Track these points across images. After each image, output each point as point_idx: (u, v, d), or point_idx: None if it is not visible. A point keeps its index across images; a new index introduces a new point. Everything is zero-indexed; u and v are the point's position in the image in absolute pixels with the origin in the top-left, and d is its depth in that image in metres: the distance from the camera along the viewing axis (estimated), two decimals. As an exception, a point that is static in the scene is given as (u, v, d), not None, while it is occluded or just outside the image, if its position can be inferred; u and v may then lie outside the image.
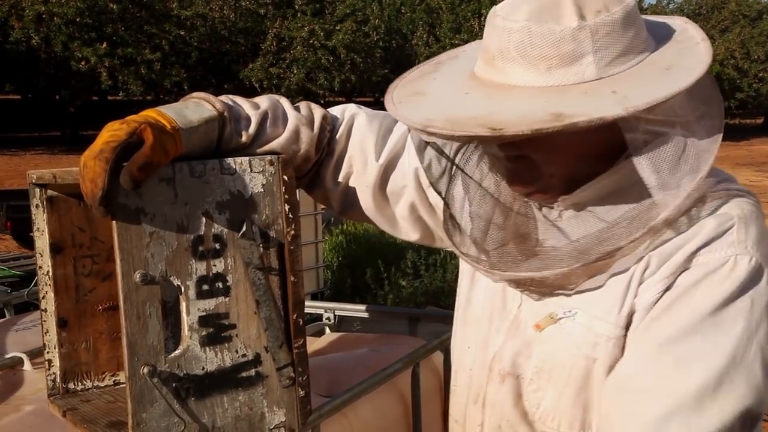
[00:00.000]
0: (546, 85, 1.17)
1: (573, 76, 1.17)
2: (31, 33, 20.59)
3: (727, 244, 1.18)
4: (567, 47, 1.16)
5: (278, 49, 24.00)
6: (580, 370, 1.25)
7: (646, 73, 1.18)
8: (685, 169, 1.18)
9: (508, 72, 1.19)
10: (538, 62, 1.17)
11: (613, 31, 1.17)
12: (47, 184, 1.62)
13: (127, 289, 1.27)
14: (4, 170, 17.58)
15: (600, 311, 1.23)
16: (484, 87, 1.22)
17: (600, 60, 1.17)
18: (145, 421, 1.29)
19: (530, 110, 1.13)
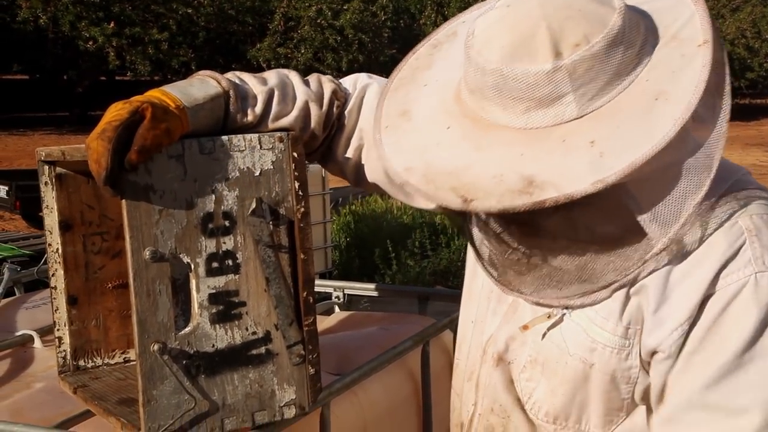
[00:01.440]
0: (525, 127, 1.10)
1: (552, 118, 1.09)
2: (39, 13, 20.55)
3: (743, 264, 1.13)
4: (543, 90, 1.08)
5: (286, 28, 23.90)
6: (576, 371, 1.23)
7: (629, 109, 1.08)
8: (678, 196, 1.10)
9: (486, 110, 1.14)
10: (515, 104, 1.10)
11: (595, 64, 1.07)
12: (56, 162, 1.62)
13: (137, 267, 1.27)
14: (13, 150, 17.61)
15: (598, 317, 1.21)
16: (464, 121, 1.17)
17: (581, 96, 1.08)
18: (155, 398, 1.29)
19: (503, 171, 1.08)
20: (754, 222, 1.15)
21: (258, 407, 1.37)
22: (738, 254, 1.13)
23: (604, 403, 1.23)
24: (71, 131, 21.58)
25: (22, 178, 9.39)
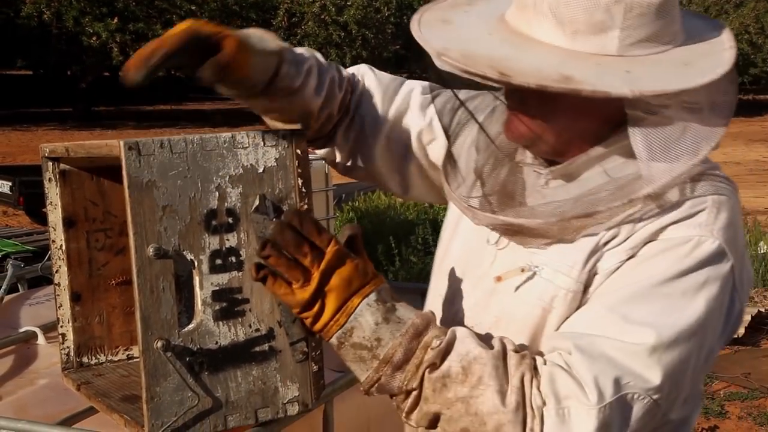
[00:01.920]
0: (567, 48, 1.20)
1: (594, 46, 1.19)
2: (43, 8, 20.58)
3: (694, 225, 1.22)
4: (598, 16, 1.18)
5: (289, 24, 23.91)
6: (534, 318, 1.29)
7: (663, 62, 1.21)
8: (679, 152, 1.20)
9: (535, 25, 1.22)
10: (566, 23, 1.19)
11: (647, 14, 1.19)
12: (60, 158, 1.62)
13: (140, 263, 1.27)
14: (17, 146, 17.63)
15: (564, 266, 1.27)
16: (507, 33, 1.25)
17: (625, 38, 1.19)
18: (158, 395, 1.29)
19: (542, 66, 1.17)
20: (720, 198, 1.25)
21: (261, 404, 1.37)
22: (694, 216, 1.23)
23: None
24: (75, 126, 21.59)
25: (26, 173, 9.39)
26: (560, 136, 1.29)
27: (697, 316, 1.20)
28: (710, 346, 1.25)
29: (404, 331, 1.20)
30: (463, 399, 1.16)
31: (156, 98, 28.68)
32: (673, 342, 1.18)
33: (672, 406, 1.23)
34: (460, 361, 1.18)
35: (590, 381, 1.14)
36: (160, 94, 28.41)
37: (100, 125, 22.07)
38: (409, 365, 1.19)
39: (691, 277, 1.20)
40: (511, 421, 1.14)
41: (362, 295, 1.21)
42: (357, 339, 1.21)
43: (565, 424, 1.14)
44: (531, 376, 1.16)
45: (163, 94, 28.58)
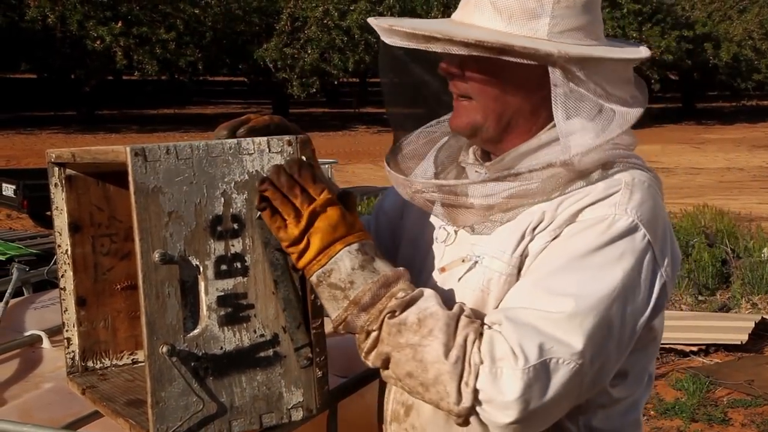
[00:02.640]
0: (504, 30, 1.38)
1: (528, 30, 1.38)
2: (47, 11, 20.62)
3: (609, 205, 1.35)
4: (531, 4, 1.37)
5: (292, 29, 23.94)
6: (476, 301, 1.41)
7: (588, 47, 1.39)
8: (594, 128, 1.37)
9: (476, 15, 1.41)
10: (503, 10, 1.38)
11: (572, 7, 1.39)
12: (66, 163, 1.63)
13: (146, 269, 1.28)
14: (21, 149, 17.66)
15: (498, 252, 1.40)
16: (453, 22, 1.44)
17: (554, 26, 1.38)
18: (164, 400, 1.30)
19: (481, 36, 1.34)
20: (633, 180, 1.38)
21: (266, 409, 1.38)
22: (608, 197, 1.35)
23: None
24: (78, 130, 21.63)
25: (30, 177, 9.42)
26: (499, 121, 1.43)
27: (614, 285, 1.30)
28: (634, 316, 1.34)
29: (376, 279, 1.32)
30: (412, 346, 1.28)
31: (159, 102, 28.72)
32: (592, 309, 1.28)
33: (601, 374, 1.33)
34: (417, 314, 1.30)
35: (517, 346, 1.25)
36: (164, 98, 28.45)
37: (103, 129, 22.12)
38: (373, 309, 1.32)
39: (608, 250, 1.32)
40: (449, 371, 1.26)
41: (345, 242, 1.33)
42: (334, 280, 1.33)
43: (496, 381, 1.25)
44: (474, 338, 1.28)
45: (167, 98, 28.62)
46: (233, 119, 1.45)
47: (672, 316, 6.34)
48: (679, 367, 5.70)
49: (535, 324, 1.27)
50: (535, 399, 1.25)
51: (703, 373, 5.50)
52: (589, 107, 1.37)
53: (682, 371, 5.58)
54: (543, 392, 1.25)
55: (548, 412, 1.29)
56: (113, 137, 20.50)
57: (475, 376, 1.25)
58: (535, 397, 1.25)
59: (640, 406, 1.52)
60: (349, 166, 16.10)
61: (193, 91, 30.61)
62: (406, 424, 1.51)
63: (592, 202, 1.35)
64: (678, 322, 6.17)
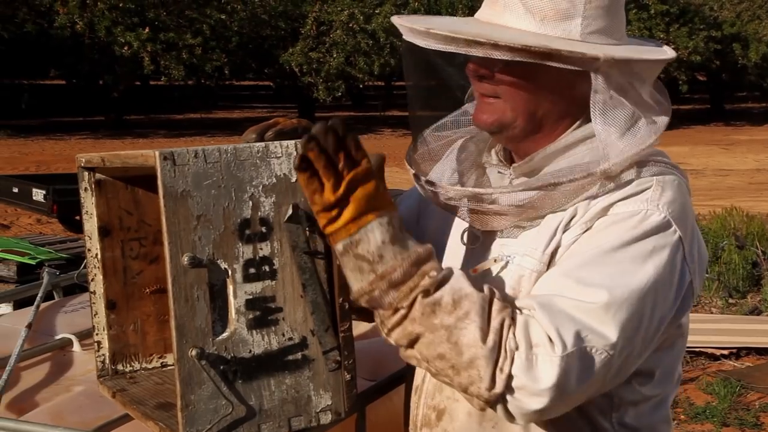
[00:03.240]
0: (537, 32, 1.35)
1: (561, 31, 1.36)
2: (76, 18, 20.83)
3: (641, 200, 1.34)
4: (563, 5, 1.35)
5: (318, 33, 24.01)
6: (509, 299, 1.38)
7: (621, 47, 1.39)
8: (632, 136, 1.36)
9: (506, 15, 1.38)
10: (535, 11, 1.36)
11: (602, 7, 1.37)
12: (96, 168, 1.64)
13: (175, 272, 1.28)
14: (50, 154, 17.86)
15: (529, 249, 1.39)
16: (483, 23, 1.40)
17: (586, 26, 1.36)
18: (193, 403, 1.30)
19: (519, 38, 1.31)
20: (664, 178, 1.38)
21: (294, 413, 1.38)
22: (640, 193, 1.35)
23: None
24: (107, 135, 21.82)
25: (60, 182, 9.49)
26: (528, 120, 1.40)
27: (646, 279, 1.30)
28: (662, 312, 1.33)
29: (407, 255, 1.28)
30: (447, 327, 1.25)
31: (186, 107, 28.93)
32: (625, 301, 1.27)
33: (625, 366, 1.32)
34: (452, 294, 1.27)
35: (554, 333, 1.24)
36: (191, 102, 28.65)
37: (131, 134, 22.30)
38: (404, 286, 1.27)
39: (640, 244, 1.31)
40: (486, 356, 1.23)
41: (377, 214, 1.29)
42: (361, 251, 1.28)
43: (532, 368, 1.23)
44: (510, 323, 1.26)
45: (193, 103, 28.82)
46: (261, 123, 1.45)
47: (702, 319, 6.29)
48: (709, 370, 5.64)
49: (569, 312, 1.26)
50: (568, 387, 1.24)
51: (734, 376, 5.43)
52: (625, 114, 1.36)
53: (713, 375, 5.52)
54: (576, 380, 1.24)
55: (574, 401, 1.29)
56: (141, 142, 20.67)
57: (510, 361, 1.23)
58: (569, 385, 1.24)
59: (668, 403, 1.52)
60: (375, 170, 16.08)
61: (219, 96, 30.78)
62: (437, 429, 1.49)
63: (624, 197, 1.35)
64: (708, 325, 6.11)
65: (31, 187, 9.39)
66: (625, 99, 1.36)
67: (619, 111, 1.35)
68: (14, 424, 1.55)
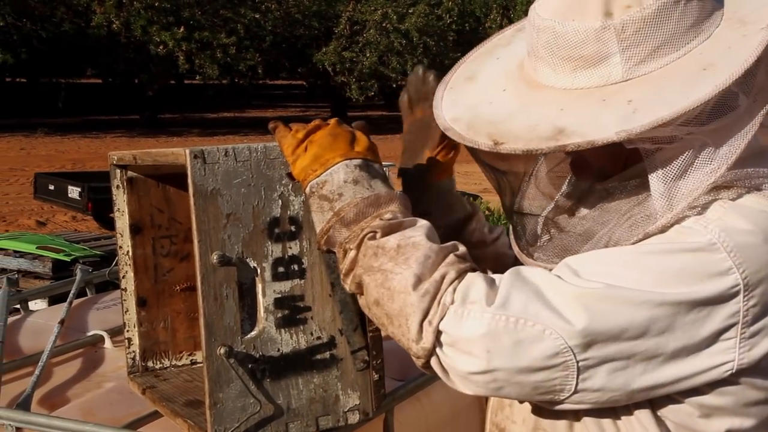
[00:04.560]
0: (571, 88, 1.14)
1: (598, 78, 1.13)
2: (112, 18, 21.08)
3: (693, 218, 1.11)
4: (590, 48, 1.12)
5: (351, 32, 24.06)
6: None
7: (675, 74, 1.10)
8: (694, 179, 1.10)
9: (539, 71, 1.19)
10: (564, 63, 1.14)
11: (644, 27, 1.10)
12: (128, 165, 1.65)
13: (204, 270, 1.29)
14: (86, 152, 18.07)
15: None
16: (520, 84, 1.23)
17: (628, 60, 1.11)
18: (221, 401, 1.30)
19: (540, 122, 1.13)
20: (739, 202, 1.12)
21: (322, 412, 1.37)
22: (700, 216, 1.11)
23: None
24: (141, 134, 22.05)
25: (95, 180, 9.59)
26: (613, 164, 1.21)
27: (659, 300, 1.06)
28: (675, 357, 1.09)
29: (366, 195, 1.22)
30: (384, 271, 1.15)
31: (220, 106, 29.13)
32: (613, 297, 1.06)
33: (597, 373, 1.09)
34: (399, 240, 1.17)
35: (503, 292, 1.09)
36: (224, 101, 28.85)
37: (165, 132, 22.50)
38: (356, 227, 1.20)
39: (668, 258, 1.08)
40: (413, 304, 1.12)
41: (345, 156, 1.24)
42: (325, 191, 1.23)
43: (460, 323, 1.10)
44: (454, 277, 1.13)
45: (227, 102, 29.01)
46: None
47: None
48: None
49: (539, 285, 1.10)
50: (500, 354, 1.08)
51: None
52: (688, 155, 1.10)
53: None
54: (510, 351, 1.07)
55: (520, 384, 1.10)
56: (175, 140, 20.85)
57: (441, 316, 1.11)
58: (501, 352, 1.08)
59: None
60: (407, 169, 16.06)
61: (252, 95, 30.98)
62: None
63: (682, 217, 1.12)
64: None
65: (66, 185, 9.50)
66: (685, 144, 1.09)
67: (677, 160, 1.10)
68: (46, 419, 1.56)
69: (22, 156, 17.29)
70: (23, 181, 13.58)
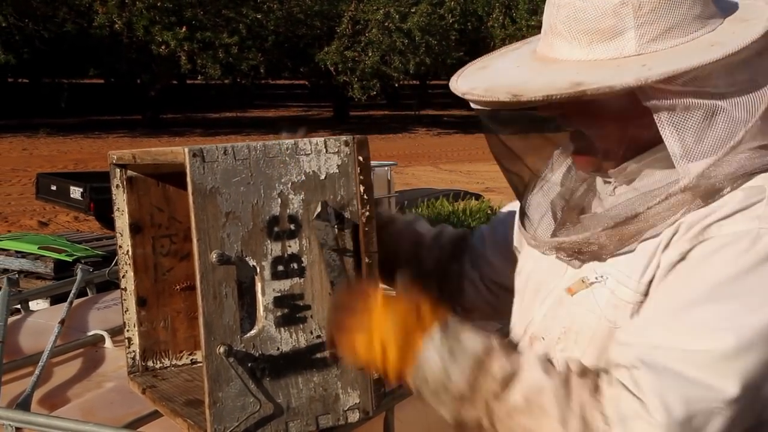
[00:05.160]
0: (586, 59, 1.21)
1: (613, 51, 1.20)
2: (115, 18, 21.10)
3: (750, 218, 1.14)
4: (608, 22, 1.19)
5: (353, 32, 24.05)
6: (603, 331, 1.25)
7: (686, 49, 1.18)
8: (712, 139, 1.16)
9: (556, 46, 1.25)
10: (581, 37, 1.21)
11: (659, 8, 1.19)
12: (127, 165, 1.65)
13: (203, 269, 1.28)
14: (88, 152, 18.08)
15: (624, 276, 1.23)
16: (534, 61, 1.29)
17: (641, 36, 1.19)
18: (221, 400, 1.30)
19: (556, 80, 1.19)
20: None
21: (322, 411, 1.37)
22: (749, 208, 1.15)
23: None
24: (144, 134, 22.06)
25: (97, 180, 9.59)
26: (617, 151, 1.27)
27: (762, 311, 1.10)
28: None
29: (468, 363, 1.18)
30: (527, 428, 1.15)
31: (222, 106, 29.15)
32: (748, 345, 1.09)
33: (758, 412, 1.13)
34: (522, 391, 1.16)
35: (656, 399, 1.08)
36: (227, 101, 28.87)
37: (168, 132, 22.52)
38: (478, 399, 1.18)
39: (758, 273, 1.12)
40: None
41: (425, 333, 1.20)
42: (430, 379, 1.20)
43: None
44: (594, 401, 1.12)
45: (229, 102, 29.03)
46: None
47: None
48: None
49: (677, 369, 1.09)
50: None
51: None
52: (700, 115, 1.16)
53: None
54: None
55: None
56: (177, 140, 20.86)
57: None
58: None
59: None
60: (409, 169, 16.09)
61: (255, 95, 30.98)
62: None
63: (729, 213, 1.16)
64: None
65: (68, 185, 9.51)
66: (692, 98, 1.16)
67: (690, 115, 1.16)
68: (46, 419, 1.56)
69: (24, 156, 17.31)
70: (25, 182, 13.60)
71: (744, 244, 1.13)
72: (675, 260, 1.18)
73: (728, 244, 1.14)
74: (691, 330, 1.11)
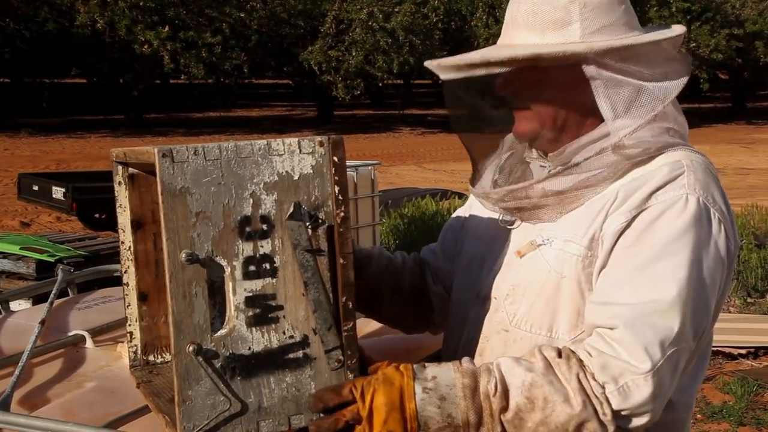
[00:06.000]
0: (539, 43, 1.50)
1: (562, 37, 1.50)
2: (96, 17, 20.98)
3: (680, 186, 1.44)
4: (559, 15, 1.50)
5: (337, 31, 24.02)
6: (551, 283, 1.49)
7: (620, 39, 1.49)
8: (638, 108, 1.47)
9: (514, 35, 1.54)
10: (536, 26, 1.51)
11: (599, 7, 1.50)
12: (129, 162, 1.65)
13: (173, 268, 1.29)
14: (70, 152, 17.99)
15: (571, 234, 1.49)
16: (498, 46, 1.57)
17: (585, 28, 1.50)
18: (190, 398, 1.30)
19: (518, 51, 1.49)
20: (693, 163, 1.48)
21: (295, 411, 1.37)
22: (675, 180, 1.45)
23: (570, 310, 1.49)
24: (127, 134, 21.95)
25: (79, 180, 9.55)
26: (554, 124, 1.53)
27: (707, 264, 1.41)
28: (719, 289, 1.46)
29: (462, 395, 1.35)
30: (541, 422, 1.33)
31: (205, 105, 29.05)
32: (695, 290, 1.39)
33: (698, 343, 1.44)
34: (521, 393, 1.34)
35: (641, 351, 1.33)
36: (210, 101, 28.77)
37: (150, 132, 22.43)
38: (485, 419, 1.34)
39: (692, 232, 1.41)
40: (585, 418, 1.33)
41: (410, 395, 1.35)
42: (435, 427, 1.35)
43: (629, 397, 1.33)
44: (584, 373, 1.35)
45: (213, 101, 28.93)
46: None
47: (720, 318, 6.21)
48: (726, 370, 5.59)
49: (650, 319, 1.36)
50: (664, 389, 1.36)
51: (751, 376, 5.38)
52: (629, 91, 1.47)
53: (730, 374, 5.47)
54: (669, 381, 1.37)
55: (669, 393, 1.40)
56: (160, 140, 20.78)
57: (607, 404, 1.33)
58: (665, 388, 1.36)
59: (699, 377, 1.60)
60: (393, 168, 16.10)
61: (238, 94, 30.88)
62: None
63: (662, 184, 1.44)
64: (726, 324, 6.05)
65: (51, 185, 9.46)
66: (625, 78, 1.47)
67: (620, 89, 1.47)
68: (26, 419, 1.56)
69: (6, 156, 17.20)
70: (7, 182, 13.52)
71: (677, 208, 1.42)
72: (622, 227, 1.44)
73: (666, 209, 1.42)
74: (653, 284, 1.38)
